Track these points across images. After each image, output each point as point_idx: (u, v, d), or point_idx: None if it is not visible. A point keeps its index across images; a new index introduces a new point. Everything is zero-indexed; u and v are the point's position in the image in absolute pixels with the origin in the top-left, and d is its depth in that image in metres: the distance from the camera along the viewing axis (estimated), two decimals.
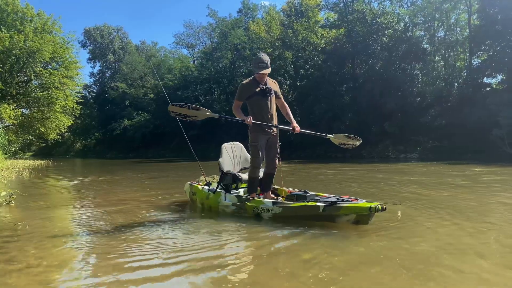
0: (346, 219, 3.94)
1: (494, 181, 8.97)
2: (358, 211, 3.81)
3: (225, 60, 43.67)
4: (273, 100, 4.80)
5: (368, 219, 3.87)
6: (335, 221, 4.03)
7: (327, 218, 4.04)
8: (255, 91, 4.65)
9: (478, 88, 25.28)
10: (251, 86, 4.69)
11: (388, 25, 28.61)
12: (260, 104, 4.68)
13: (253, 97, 4.67)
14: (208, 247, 3.36)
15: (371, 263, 2.84)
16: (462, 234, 3.67)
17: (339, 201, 4.05)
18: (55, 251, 3.36)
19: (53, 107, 29.60)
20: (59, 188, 9.95)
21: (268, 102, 4.70)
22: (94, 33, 65.34)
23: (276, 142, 4.91)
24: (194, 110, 4.78)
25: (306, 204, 4.15)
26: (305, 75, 31.80)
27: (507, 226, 4.00)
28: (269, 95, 4.70)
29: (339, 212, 3.91)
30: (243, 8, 49.32)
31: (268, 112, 4.70)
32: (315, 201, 4.20)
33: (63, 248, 3.48)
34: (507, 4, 22.44)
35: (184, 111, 4.77)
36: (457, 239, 3.46)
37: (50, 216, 5.33)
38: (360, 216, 3.84)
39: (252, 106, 4.74)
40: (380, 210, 3.70)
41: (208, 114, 4.78)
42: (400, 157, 23.90)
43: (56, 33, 30.10)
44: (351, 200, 4.06)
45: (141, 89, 52.49)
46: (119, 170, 19.01)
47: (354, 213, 3.85)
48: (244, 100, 4.75)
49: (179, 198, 6.63)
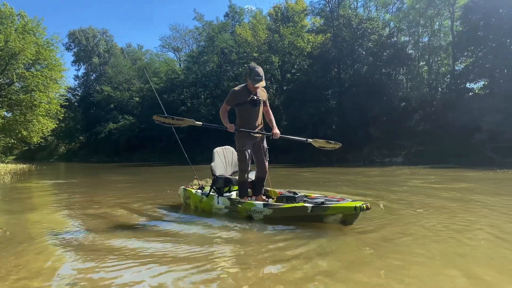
0: (333, 218, 4.07)
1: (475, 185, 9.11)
2: (344, 211, 3.93)
3: (211, 64, 43.64)
4: (261, 109, 5.04)
5: (354, 218, 4.01)
6: (323, 221, 4.15)
7: (315, 218, 4.15)
8: (246, 100, 4.81)
9: (461, 93, 25.74)
10: (242, 94, 4.83)
11: (373, 31, 28.95)
12: (249, 112, 4.86)
13: (243, 105, 4.85)
14: (198, 251, 3.32)
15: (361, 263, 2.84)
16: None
17: (326, 201, 4.15)
18: (36, 258, 3.28)
19: (36, 110, 29.04)
20: (42, 193, 9.75)
21: (257, 111, 4.93)
22: (79, 36, 64.65)
23: (262, 145, 5.05)
24: (178, 120, 5.04)
25: (295, 206, 4.27)
26: (292, 79, 31.94)
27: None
28: (258, 105, 4.92)
29: (326, 212, 4.03)
30: (230, 12, 49.44)
31: (255, 120, 4.92)
32: (303, 202, 4.31)
33: (44, 254, 3.39)
34: (489, 11, 22.95)
35: (168, 120, 5.03)
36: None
37: (31, 222, 5.20)
38: (346, 215, 3.97)
39: (241, 113, 4.91)
40: (365, 209, 3.82)
41: (191, 122, 5.04)
42: (385, 161, 24.13)
43: (40, 35, 29.60)
44: (337, 200, 4.19)
45: (127, 92, 52.11)
46: (104, 174, 18.76)
47: (340, 213, 3.97)
48: (233, 105, 4.92)
49: (167, 201, 6.57)
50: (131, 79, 53.74)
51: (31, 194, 9.47)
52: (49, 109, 30.13)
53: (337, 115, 28.01)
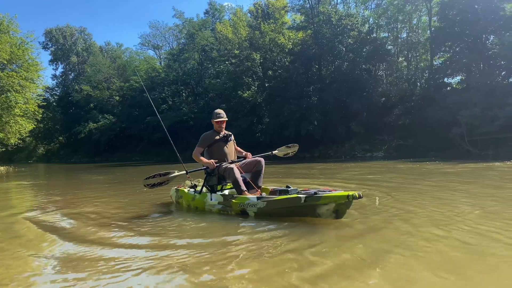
0: (326, 208, 4.10)
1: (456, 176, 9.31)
2: (337, 200, 3.97)
3: (192, 62, 43.33)
4: (233, 146, 5.62)
5: (346, 208, 4.09)
6: (316, 214, 4.21)
7: (309, 210, 4.22)
8: (216, 139, 5.44)
9: (439, 88, 26.17)
10: (212, 135, 5.48)
11: (353, 27, 29.17)
12: (222, 149, 5.44)
13: (214, 144, 5.43)
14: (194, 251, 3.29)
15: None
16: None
17: (319, 192, 4.20)
18: (13, 263, 3.19)
19: (12, 111, 28.28)
20: (20, 195, 9.53)
21: (229, 147, 5.53)
22: (56, 34, 63.16)
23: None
24: (164, 176, 5.33)
25: (289, 197, 4.32)
26: (273, 76, 31.91)
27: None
28: (229, 140, 5.52)
29: (319, 201, 4.07)
30: (210, 9, 49.10)
31: (230, 156, 5.49)
32: (297, 194, 4.37)
33: (23, 259, 3.31)
34: (465, 7, 23.37)
35: (157, 180, 5.30)
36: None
37: (8, 226, 5.07)
38: (339, 205, 4.01)
39: (215, 152, 5.44)
40: (357, 197, 3.87)
41: (177, 173, 5.43)
42: (366, 156, 24.42)
43: (14, 33, 28.76)
44: (330, 190, 4.23)
45: (106, 91, 51.30)
46: (84, 174, 18.47)
47: (333, 202, 4.01)
48: (205, 147, 5.48)
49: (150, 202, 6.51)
50: (111, 78, 52.91)
51: (10, 197, 9.24)
52: (26, 110, 29.40)
53: (318, 111, 28.12)
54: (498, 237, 3.42)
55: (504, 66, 22.81)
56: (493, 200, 5.47)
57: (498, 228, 3.72)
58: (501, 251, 3.02)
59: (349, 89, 27.64)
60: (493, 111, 19.77)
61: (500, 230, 3.64)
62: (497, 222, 4.01)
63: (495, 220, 4.09)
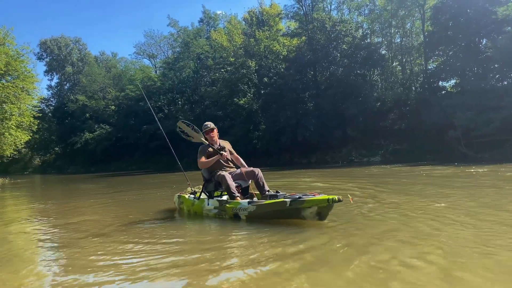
0: (309, 211, 4.46)
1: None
2: (319, 203, 4.33)
3: (188, 70, 43.38)
4: (228, 154, 5.75)
5: (328, 210, 4.43)
6: (301, 216, 4.55)
7: (294, 212, 4.58)
8: (210, 152, 5.67)
9: (434, 92, 26.34)
10: (207, 147, 5.72)
11: (347, 33, 29.37)
12: (218, 160, 5.65)
13: (212, 155, 5.66)
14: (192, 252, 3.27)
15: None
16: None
17: (303, 196, 4.53)
18: (7, 277, 3.16)
19: (8, 123, 28.17)
20: (16, 207, 9.45)
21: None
22: (51, 45, 63.29)
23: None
24: (194, 132, 5.83)
25: (276, 201, 4.69)
26: (269, 83, 32.02)
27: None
28: (225, 151, 5.68)
29: (303, 205, 4.43)
30: (204, 17, 49.28)
31: (225, 165, 5.69)
32: (283, 198, 4.72)
33: (18, 272, 3.28)
34: (457, 12, 23.60)
35: (188, 130, 5.84)
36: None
37: (4, 237, 5.03)
38: (321, 208, 4.37)
39: (214, 163, 5.66)
40: (337, 201, 4.20)
41: (200, 140, 5.79)
42: (363, 161, 24.45)
43: (9, 45, 28.78)
44: (313, 195, 4.53)
45: (102, 101, 51.25)
46: (82, 184, 18.37)
47: (315, 205, 4.37)
48: (206, 156, 5.71)
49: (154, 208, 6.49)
50: (106, 88, 52.89)
51: (5, 209, 9.17)
52: (21, 121, 29.30)
53: (314, 117, 28.19)
54: (476, 240, 3.43)
55: (497, 69, 22.99)
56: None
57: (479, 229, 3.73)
58: (475, 256, 3.02)
59: (344, 95, 27.75)
60: (488, 113, 19.89)
61: (480, 232, 3.65)
62: (480, 221, 4.02)
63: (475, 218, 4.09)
